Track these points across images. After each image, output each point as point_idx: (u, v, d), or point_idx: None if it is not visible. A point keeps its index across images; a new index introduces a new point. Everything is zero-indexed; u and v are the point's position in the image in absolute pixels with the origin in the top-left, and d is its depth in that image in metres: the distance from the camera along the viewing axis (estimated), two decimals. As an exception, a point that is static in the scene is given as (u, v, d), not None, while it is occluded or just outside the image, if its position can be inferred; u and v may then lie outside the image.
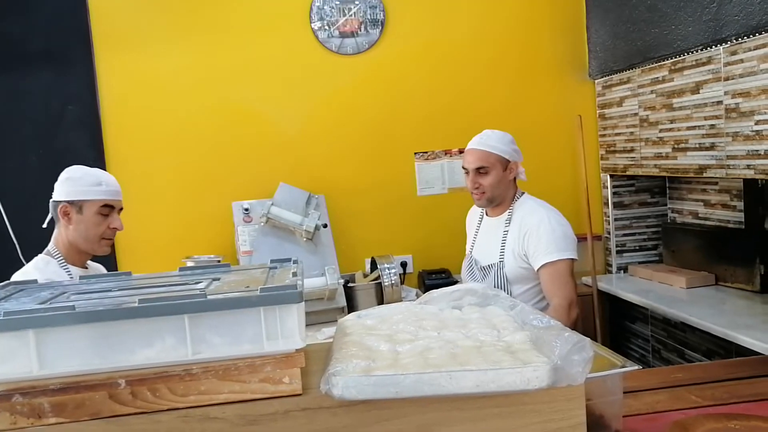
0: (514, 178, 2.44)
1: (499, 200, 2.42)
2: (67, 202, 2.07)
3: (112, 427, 0.98)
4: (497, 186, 2.38)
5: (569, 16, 3.56)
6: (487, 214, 2.53)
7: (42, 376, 0.98)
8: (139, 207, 3.34)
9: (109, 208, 2.11)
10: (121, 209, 2.18)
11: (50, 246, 2.13)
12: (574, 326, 2.21)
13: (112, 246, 3.23)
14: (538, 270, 2.30)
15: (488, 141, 2.39)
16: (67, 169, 2.14)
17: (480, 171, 2.37)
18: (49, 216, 2.17)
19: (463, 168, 2.45)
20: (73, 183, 2.08)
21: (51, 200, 2.12)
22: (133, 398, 0.98)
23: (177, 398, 0.99)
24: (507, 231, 2.38)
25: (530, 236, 2.31)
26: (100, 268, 2.29)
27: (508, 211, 2.42)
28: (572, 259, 2.30)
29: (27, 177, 3.20)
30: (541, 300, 2.35)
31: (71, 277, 2.01)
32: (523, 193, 2.47)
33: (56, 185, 2.12)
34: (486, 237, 2.49)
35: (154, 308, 0.99)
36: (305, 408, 1.01)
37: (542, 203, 2.43)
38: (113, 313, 1.00)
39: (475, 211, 2.64)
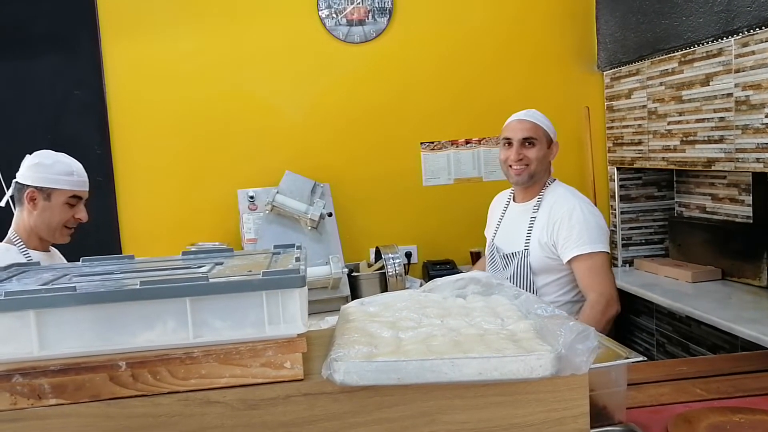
0: (550, 163, 2.34)
1: (536, 179, 2.29)
2: (36, 187, 2.03)
3: (112, 409, 0.98)
4: (542, 161, 2.27)
5: (578, 7, 3.53)
6: (514, 200, 2.42)
7: (42, 357, 0.98)
8: (144, 193, 3.34)
9: (76, 199, 2.08)
10: (87, 199, 2.14)
11: (10, 232, 2.08)
12: (610, 323, 2.11)
13: (117, 233, 3.30)
14: (568, 262, 2.18)
15: (535, 115, 2.30)
16: (37, 153, 2.09)
17: (527, 142, 2.26)
18: (8, 195, 2.10)
19: (505, 140, 2.30)
20: (44, 169, 2.03)
21: (15, 181, 2.06)
22: (133, 381, 0.98)
23: (178, 381, 0.99)
24: (534, 218, 2.26)
25: (561, 226, 2.18)
26: (59, 255, 2.23)
27: (538, 197, 2.30)
28: (607, 252, 2.19)
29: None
30: (565, 293, 2.24)
31: None
32: (554, 179, 2.35)
33: (24, 167, 2.06)
34: (511, 224, 2.37)
35: (156, 290, 0.98)
36: (306, 393, 1.00)
37: (574, 191, 2.30)
38: (114, 294, 0.99)
39: (501, 198, 2.54)
